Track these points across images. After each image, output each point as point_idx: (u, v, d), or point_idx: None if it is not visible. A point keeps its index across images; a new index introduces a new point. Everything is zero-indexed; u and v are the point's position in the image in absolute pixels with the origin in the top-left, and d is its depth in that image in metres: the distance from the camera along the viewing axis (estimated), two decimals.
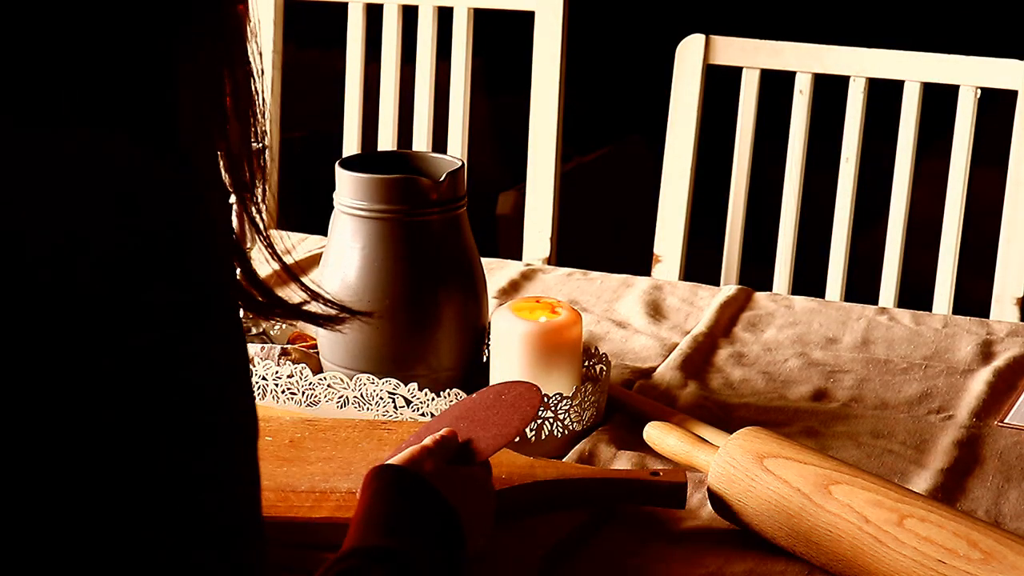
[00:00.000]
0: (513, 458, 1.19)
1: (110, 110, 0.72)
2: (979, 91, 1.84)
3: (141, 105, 0.73)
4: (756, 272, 1.95)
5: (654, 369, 1.48)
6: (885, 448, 1.31)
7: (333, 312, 0.94)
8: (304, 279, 0.85)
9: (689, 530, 1.15)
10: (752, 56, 1.94)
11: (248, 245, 1.47)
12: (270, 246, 0.88)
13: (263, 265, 0.87)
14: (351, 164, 1.36)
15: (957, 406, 1.40)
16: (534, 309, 1.31)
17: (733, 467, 1.14)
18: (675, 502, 1.17)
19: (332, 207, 1.35)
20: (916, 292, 1.92)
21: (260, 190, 0.85)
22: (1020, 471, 1.27)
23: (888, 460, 1.29)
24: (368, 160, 1.40)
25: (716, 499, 1.15)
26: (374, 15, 2.10)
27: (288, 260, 0.89)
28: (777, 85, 1.97)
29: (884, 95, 1.92)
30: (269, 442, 1.21)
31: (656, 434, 1.27)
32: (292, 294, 0.90)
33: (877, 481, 1.09)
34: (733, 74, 1.95)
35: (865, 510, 1.06)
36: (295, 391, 1.33)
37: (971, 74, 1.85)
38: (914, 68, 1.88)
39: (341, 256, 1.34)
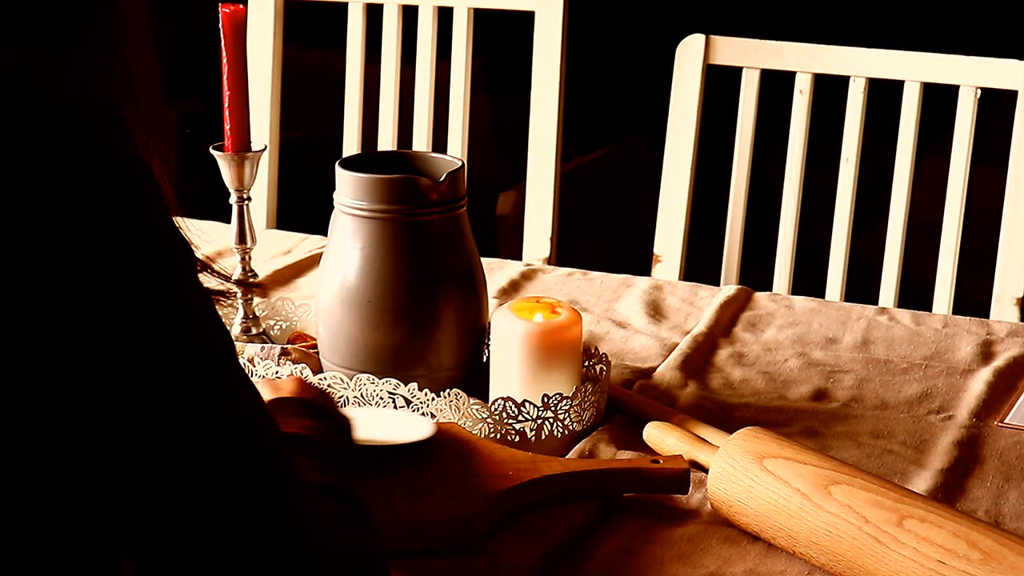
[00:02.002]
0: (515, 455, 1.20)
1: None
2: (979, 91, 1.84)
3: (37, 20, 0.76)
4: (756, 272, 1.95)
5: (654, 369, 1.48)
6: (885, 448, 1.31)
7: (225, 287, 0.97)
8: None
9: (689, 530, 1.15)
10: (752, 56, 1.94)
11: (248, 245, 1.47)
12: None
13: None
14: (351, 164, 1.36)
15: (957, 406, 1.40)
16: (534, 309, 1.31)
17: (733, 467, 1.14)
18: (678, 488, 1.18)
19: (332, 207, 1.35)
20: (916, 292, 1.92)
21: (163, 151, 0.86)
22: (1020, 471, 1.27)
23: (888, 460, 1.29)
24: (368, 160, 1.40)
25: (716, 499, 1.15)
26: (374, 15, 2.10)
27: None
28: (777, 85, 1.97)
29: (884, 95, 1.91)
30: None
31: (656, 434, 1.27)
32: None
33: (877, 481, 1.09)
34: (733, 74, 1.95)
35: (865, 510, 1.06)
36: None
37: (971, 74, 1.85)
38: (914, 68, 1.88)
39: (341, 256, 1.34)
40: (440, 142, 2.09)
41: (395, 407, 1.29)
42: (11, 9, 0.74)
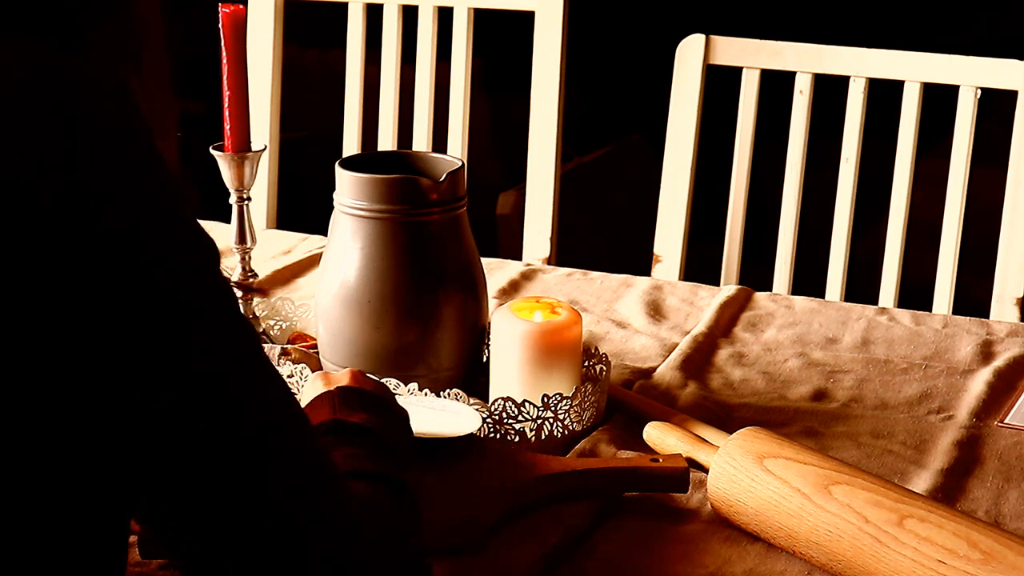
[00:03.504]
0: (515, 454, 1.20)
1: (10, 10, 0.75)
2: (979, 91, 1.84)
3: (49, 12, 0.77)
4: (756, 272, 1.95)
5: (654, 369, 1.48)
6: (885, 448, 1.31)
7: None
8: None
9: (689, 530, 1.15)
10: (752, 56, 1.94)
11: (248, 245, 1.47)
12: None
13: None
14: (351, 164, 1.36)
15: (957, 406, 1.40)
16: (534, 309, 1.31)
17: (733, 467, 1.14)
18: (678, 486, 1.18)
19: (332, 207, 1.35)
20: (916, 292, 1.92)
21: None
22: (1020, 471, 1.27)
23: (888, 460, 1.28)
24: (368, 160, 1.40)
25: (716, 499, 1.15)
26: (374, 15, 2.10)
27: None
28: (777, 85, 1.97)
29: (884, 95, 1.91)
30: None
31: (656, 434, 1.27)
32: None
33: (877, 481, 1.09)
34: (733, 74, 1.95)
35: (865, 510, 1.06)
36: (295, 391, 1.32)
37: (971, 74, 1.85)
38: (914, 68, 1.88)
39: (341, 256, 1.34)
40: (440, 142, 2.09)
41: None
42: (25, 4, 0.75)
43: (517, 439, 1.27)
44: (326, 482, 0.79)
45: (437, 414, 1.22)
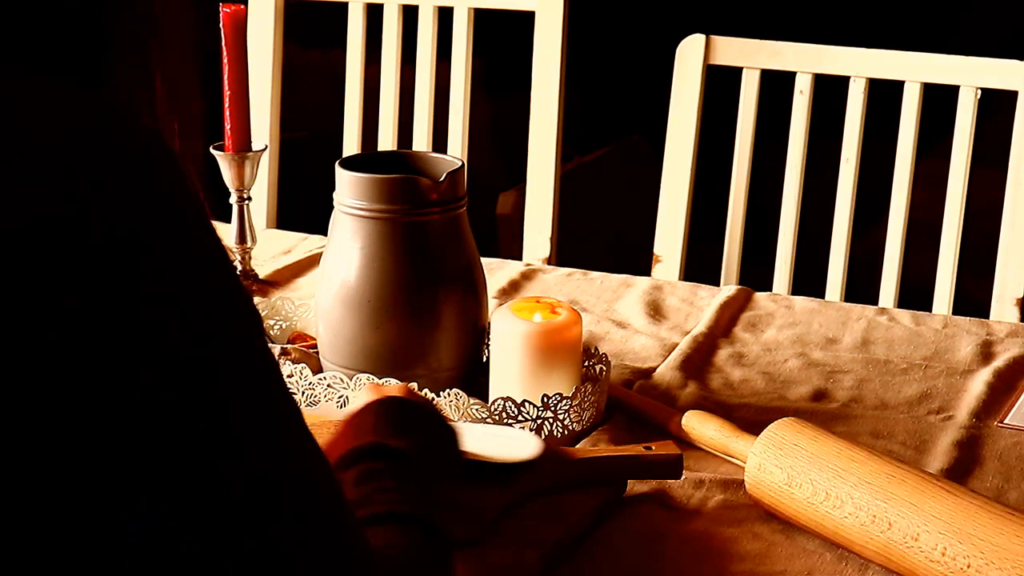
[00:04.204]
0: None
1: (33, 49, 0.71)
2: (979, 91, 1.84)
3: (68, 45, 0.72)
4: (756, 272, 1.95)
5: (654, 369, 1.48)
6: (885, 448, 1.31)
7: None
8: None
9: (689, 530, 1.16)
10: (752, 56, 1.94)
11: (248, 245, 1.47)
12: None
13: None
14: (351, 164, 1.36)
15: (957, 406, 1.40)
16: (534, 309, 1.31)
17: (781, 437, 1.16)
18: (672, 473, 1.19)
19: (332, 207, 1.35)
20: (916, 292, 1.92)
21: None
22: (1020, 471, 1.27)
23: None
24: (368, 160, 1.40)
25: (761, 460, 1.16)
26: (374, 15, 2.10)
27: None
28: (777, 85, 1.97)
29: (884, 95, 1.92)
30: None
31: (695, 423, 1.27)
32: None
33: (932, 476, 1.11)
34: (733, 74, 1.95)
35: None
36: (295, 391, 1.33)
37: (971, 74, 1.85)
38: (914, 68, 1.88)
39: (341, 256, 1.34)
40: (440, 142, 2.09)
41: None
42: (49, 46, 0.71)
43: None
44: (333, 514, 0.77)
45: (492, 437, 1.21)
